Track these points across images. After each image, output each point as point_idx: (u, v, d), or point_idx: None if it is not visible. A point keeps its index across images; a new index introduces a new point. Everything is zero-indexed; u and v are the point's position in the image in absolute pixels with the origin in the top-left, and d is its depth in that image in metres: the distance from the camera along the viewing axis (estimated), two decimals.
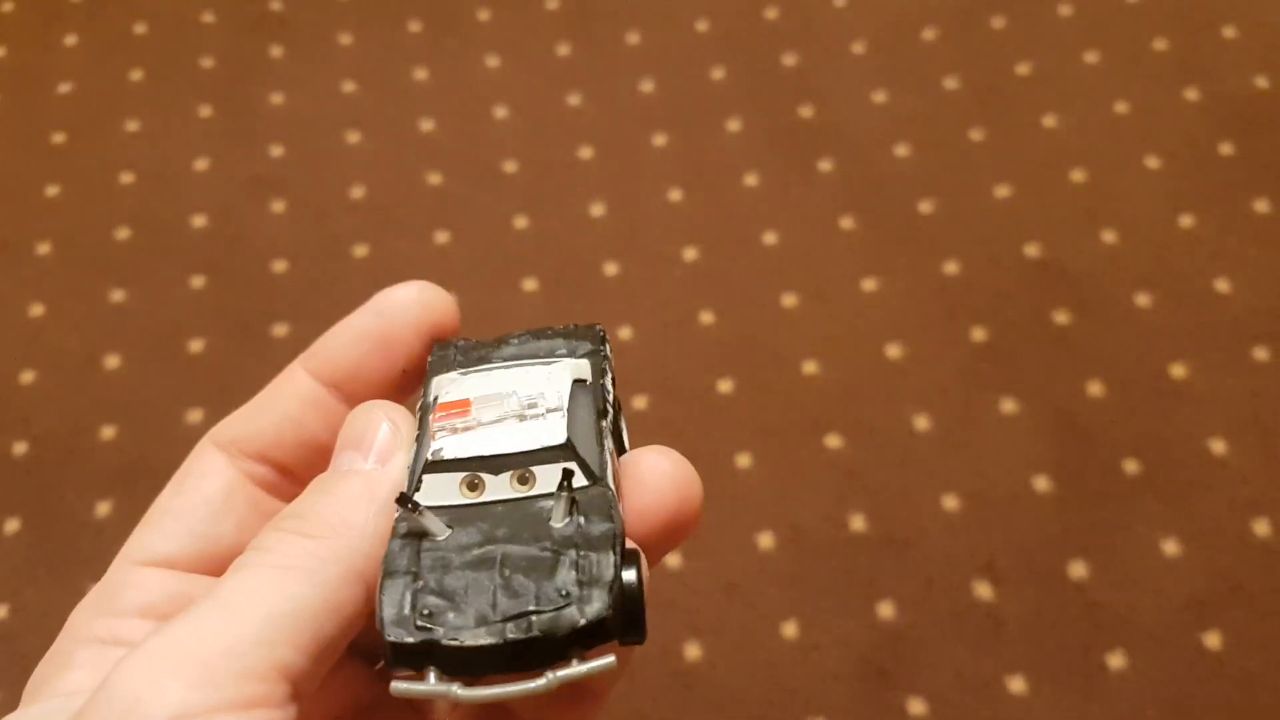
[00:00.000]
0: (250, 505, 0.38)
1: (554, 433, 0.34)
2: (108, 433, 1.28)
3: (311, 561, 0.31)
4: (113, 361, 1.33)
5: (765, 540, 1.18)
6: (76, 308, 1.38)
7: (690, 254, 1.38)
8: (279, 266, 1.39)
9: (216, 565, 0.36)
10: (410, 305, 0.39)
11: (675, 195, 1.43)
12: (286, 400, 0.39)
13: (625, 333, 1.32)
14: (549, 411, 0.35)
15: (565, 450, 0.34)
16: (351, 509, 0.33)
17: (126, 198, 1.46)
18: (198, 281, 1.39)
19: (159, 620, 0.33)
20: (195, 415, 1.29)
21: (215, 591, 0.30)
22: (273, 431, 0.40)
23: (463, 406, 0.35)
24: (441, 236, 1.41)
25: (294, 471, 0.39)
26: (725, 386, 1.29)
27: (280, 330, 1.34)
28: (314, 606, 0.30)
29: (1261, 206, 1.38)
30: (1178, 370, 1.27)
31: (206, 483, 0.38)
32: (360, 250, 1.40)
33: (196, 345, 1.34)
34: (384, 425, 0.35)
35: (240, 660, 0.28)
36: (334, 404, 0.39)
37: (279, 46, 1.59)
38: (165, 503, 0.37)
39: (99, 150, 1.50)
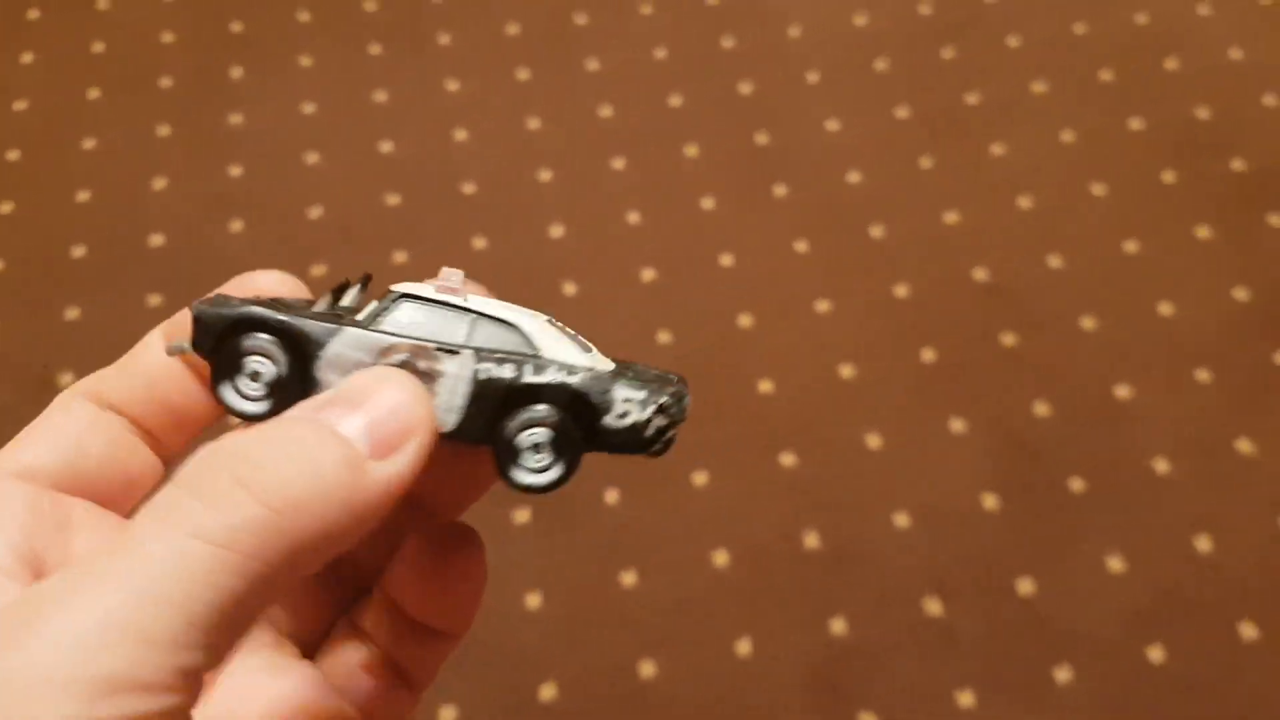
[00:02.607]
0: (121, 430, 0.35)
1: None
2: None
3: (256, 543, 0.26)
4: (66, 379, 1.33)
5: (720, 557, 1.20)
6: (30, 324, 1.37)
7: (648, 275, 1.40)
8: None
9: (84, 484, 0.34)
10: (273, 287, 0.38)
11: (634, 218, 1.45)
12: (149, 364, 0.36)
13: None
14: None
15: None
16: (325, 496, 0.28)
17: (83, 216, 1.45)
18: (155, 300, 1.38)
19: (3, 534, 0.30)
20: None
21: (123, 560, 0.26)
22: (129, 387, 0.36)
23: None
24: (400, 256, 1.42)
25: (150, 432, 0.36)
26: None
27: None
28: (243, 596, 0.26)
29: (1203, 232, 1.43)
30: (1122, 391, 1.30)
31: (73, 408, 0.34)
32: (318, 270, 1.41)
33: None
34: (396, 392, 0.31)
35: (143, 667, 0.24)
36: (187, 370, 0.37)
37: (239, 67, 1.60)
38: (30, 426, 0.34)
39: (55, 168, 1.50)
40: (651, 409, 0.32)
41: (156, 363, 0.37)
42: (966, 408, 1.29)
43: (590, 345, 0.36)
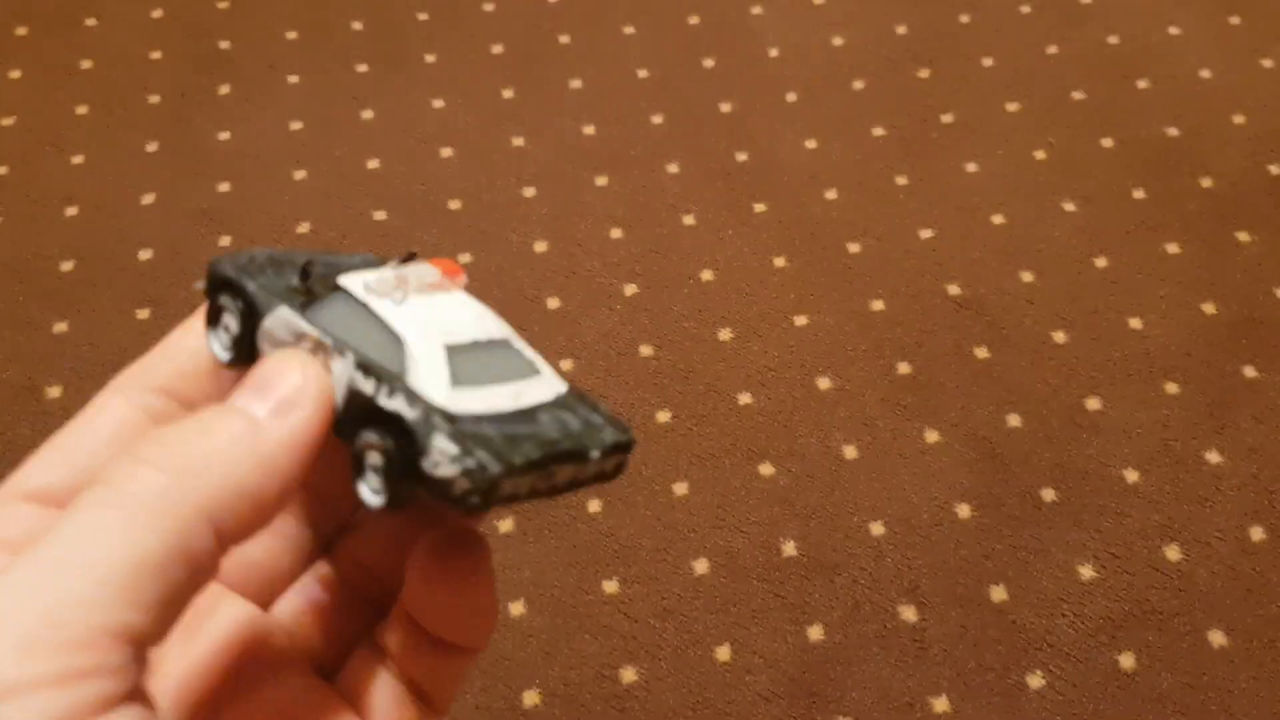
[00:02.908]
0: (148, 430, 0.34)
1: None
2: None
3: (162, 503, 0.27)
4: (54, 393, 1.34)
5: (700, 566, 1.22)
6: (17, 338, 1.39)
7: (630, 289, 1.43)
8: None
9: None
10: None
11: (616, 233, 1.48)
12: (194, 337, 0.36)
13: (566, 364, 1.36)
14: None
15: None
16: (223, 452, 0.28)
17: (71, 230, 1.47)
18: (143, 314, 1.40)
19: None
20: None
21: (45, 540, 0.26)
22: (174, 367, 0.36)
23: None
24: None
25: (198, 405, 0.35)
26: (663, 417, 1.32)
27: None
28: (160, 555, 0.26)
29: (1172, 248, 1.46)
30: (1093, 403, 1.33)
31: (99, 417, 0.34)
32: None
33: None
34: (295, 375, 0.31)
35: (64, 628, 0.24)
36: None
37: (227, 84, 1.62)
38: (54, 439, 0.34)
39: (43, 183, 1.52)
40: (457, 469, 0.29)
41: (198, 338, 0.37)
42: (940, 419, 1.32)
43: (542, 369, 0.35)
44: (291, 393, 0.31)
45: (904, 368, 1.36)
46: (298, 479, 0.30)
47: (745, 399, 1.34)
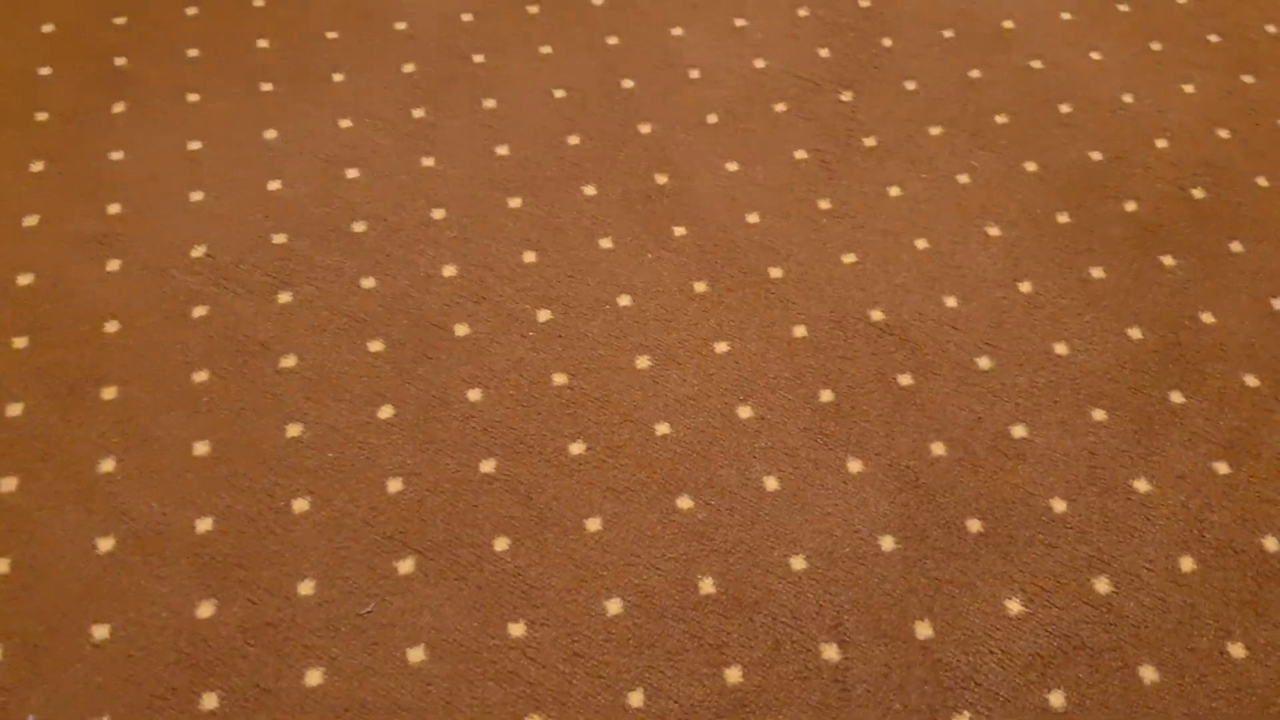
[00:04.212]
0: None
1: None
2: None
3: None
4: None
5: (613, 606, 1.15)
6: None
7: (543, 315, 1.37)
8: (111, 327, 1.33)
9: None
10: None
11: (529, 257, 1.42)
12: None
13: (475, 394, 1.29)
14: None
15: None
16: None
17: None
18: (20, 342, 1.31)
19: None
20: (8, 483, 1.21)
21: None
22: None
23: None
24: (284, 296, 1.36)
25: None
26: (577, 448, 1.26)
27: (109, 393, 1.28)
28: None
29: (1097, 272, 1.43)
30: (1018, 430, 1.29)
31: None
32: (199, 310, 1.35)
33: (14, 409, 1.26)
34: None
35: None
36: None
37: (122, 103, 1.54)
38: None
39: None
40: None
41: None
42: (863, 448, 1.27)
43: None
44: None
45: (826, 395, 1.31)
46: None
47: (663, 429, 1.28)
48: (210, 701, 1.08)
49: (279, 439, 1.25)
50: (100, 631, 1.11)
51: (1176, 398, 1.33)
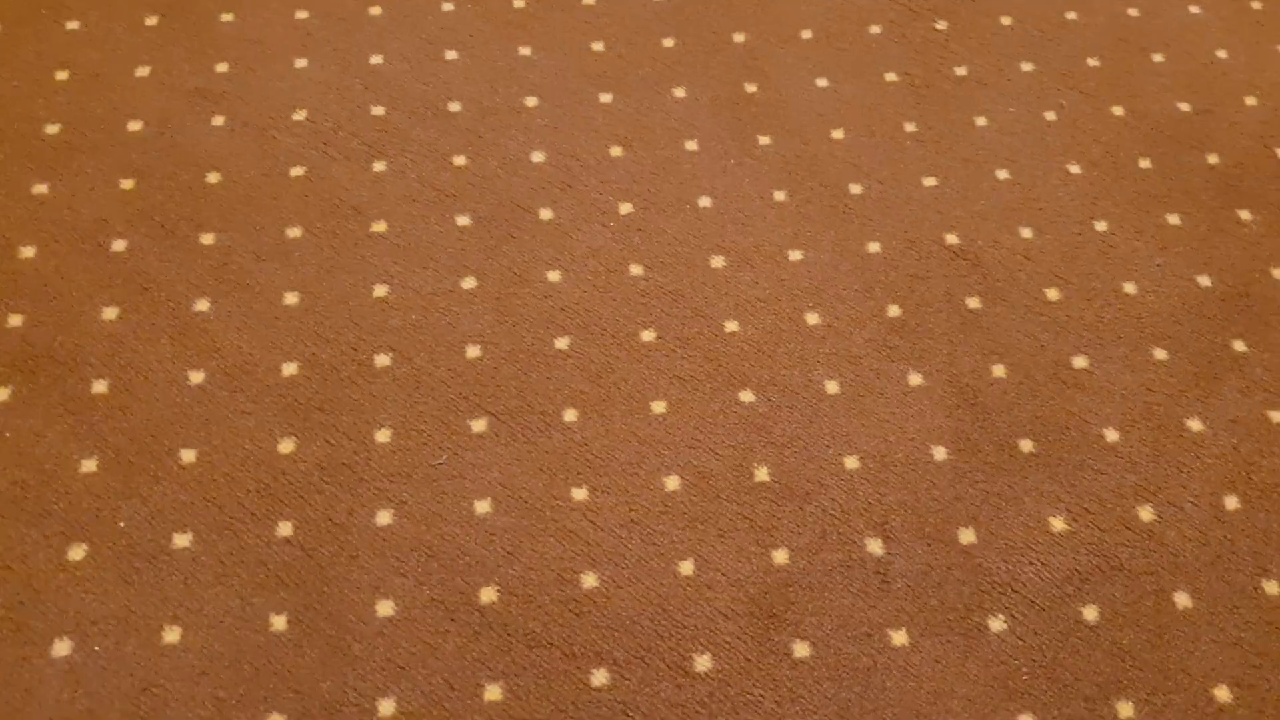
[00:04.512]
0: None
1: None
2: (14, 321, 1.26)
3: None
4: (27, 252, 1.31)
5: (671, 483, 1.20)
6: None
7: (625, 208, 1.41)
8: (213, 178, 1.39)
9: None
10: None
11: (616, 151, 1.45)
12: None
13: (554, 275, 1.34)
14: None
15: None
16: None
17: (61, 95, 1.44)
18: (127, 183, 1.37)
19: None
20: (110, 313, 1.27)
21: None
22: None
23: None
24: (379, 165, 1.41)
25: None
26: (648, 336, 1.31)
27: (208, 239, 1.33)
28: None
29: (1173, 219, 1.45)
30: (1079, 361, 1.32)
31: None
32: (297, 171, 1.40)
33: (119, 245, 1.32)
34: None
35: None
36: None
37: None
38: None
39: (36, 46, 1.48)
40: None
41: None
42: (925, 363, 1.30)
43: None
44: None
45: (894, 311, 1.34)
46: None
47: (732, 326, 1.32)
48: (285, 529, 1.14)
49: (365, 297, 1.30)
50: (188, 455, 1.18)
51: (1239, 346, 1.35)
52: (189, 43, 1.51)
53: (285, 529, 1.14)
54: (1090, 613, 1.16)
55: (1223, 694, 1.11)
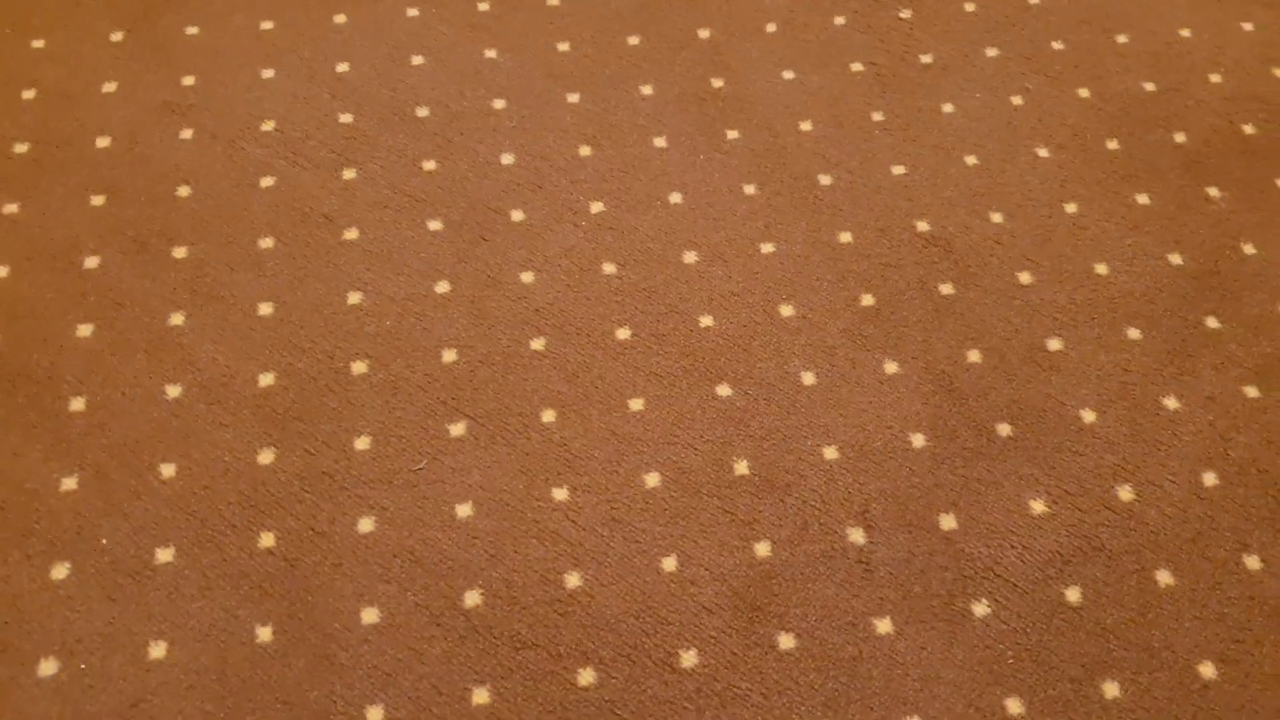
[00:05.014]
0: None
1: None
2: None
3: None
4: (0, 272, 1.31)
5: (652, 479, 1.20)
6: None
7: (596, 207, 1.41)
8: (183, 192, 1.38)
9: None
10: None
11: (585, 150, 1.46)
12: None
13: (528, 277, 1.34)
14: None
15: None
16: None
17: (27, 113, 1.43)
18: (98, 200, 1.37)
19: None
20: (85, 330, 1.27)
21: None
22: None
23: None
24: (349, 173, 1.41)
25: None
26: (623, 334, 1.31)
27: (180, 252, 1.33)
28: None
29: (1142, 199, 1.45)
30: (1054, 343, 1.33)
31: None
32: (267, 181, 1.40)
33: (91, 261, 1.32)
34: None
35: None
36: None
37: None
38: None
39: (1, 66, 1.48)
40: None
41: None
42: (900, 351, 1.31)
43: None
44: None
45: (867, 299, 1.35)
46: None
47: (706, 321, 1.33)
48: (267, 540, 1.14)
49: (340, 305, 1.30)
50: (167, 470, 1.18)
51: (1212, 323, 1.36)
52: (155, 57, 1.50)
53: (267, 540, 1.14)
54: (1073, 594, 1.16)
55: (1207, 670, 1.12)
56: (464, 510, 1.17)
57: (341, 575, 1.13)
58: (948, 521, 1.20)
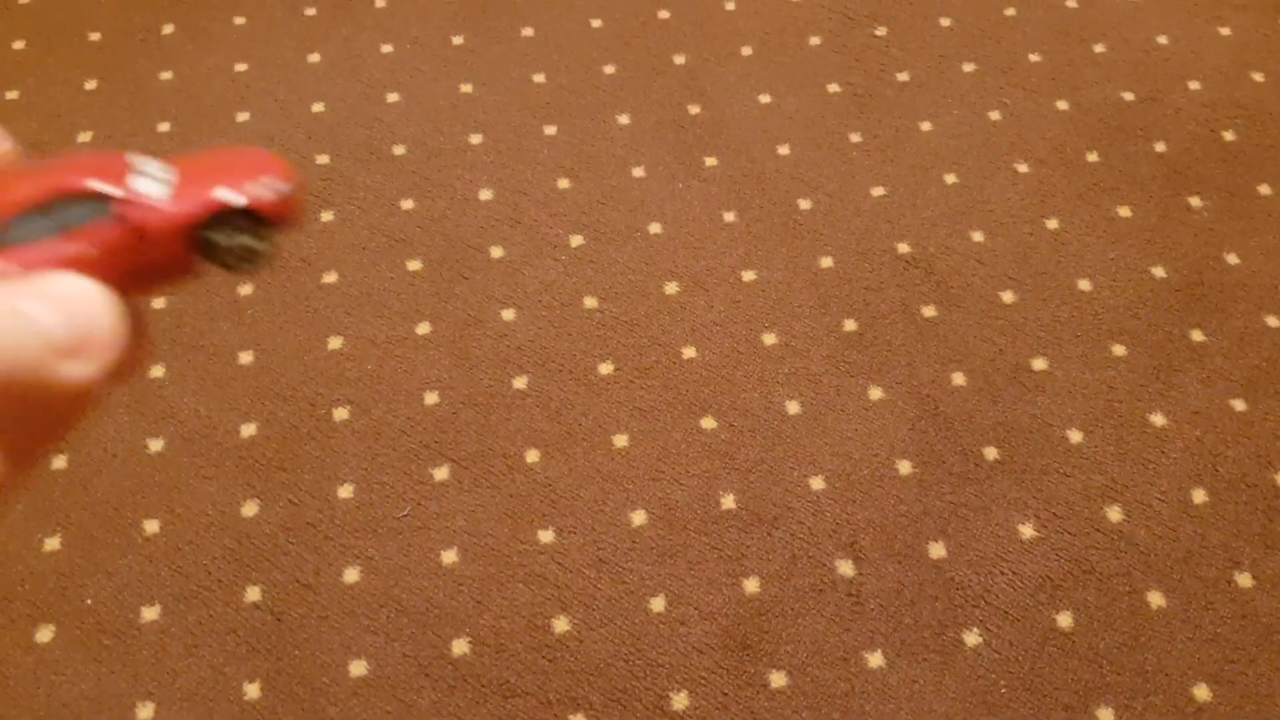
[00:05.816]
0: None
1: None
2: None
3: None
4: None
5: (638, 517, 1.20)
6: None
7: (576, 240, 1.40)
8: None
9: None
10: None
11: (563, 183, 1.45)
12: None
13: (508, 314, 1.33)
14: None
15: None
16: None
17: None
18: None
19: None
20: None
21: None
22: None
23: None
24: (326, 215, 1.40)
25: None
26: (606, 369, 1.30)
27: (159, 302, 1.33)
28: None
29: (1124, 211, 1.45)
30: (1038, 363, 1.32)
31: None
32: None
33: None
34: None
35: None
36: None
37: (170, 24, 1.58)
38: None
39: None
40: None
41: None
42: (885, 376, 1.30)
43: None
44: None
45: (850, 325, 1.34)
46: None
47: (689, 353, 1.32)
48: (254, 594, 1.14)
49: (320, 350, 1.30)
50: (151, 525, 1.17)
51: (1197, 336, 1.35)
52: (129, 103, 1.50)
53: (253, 594, 1.14)
54: (1065, 619, 1.16)
55: (1202, 693, 1.12)
56: (449, 556, 1.17)
57: (329, 627, 1.12)
58: (937, 550, 1.19)
